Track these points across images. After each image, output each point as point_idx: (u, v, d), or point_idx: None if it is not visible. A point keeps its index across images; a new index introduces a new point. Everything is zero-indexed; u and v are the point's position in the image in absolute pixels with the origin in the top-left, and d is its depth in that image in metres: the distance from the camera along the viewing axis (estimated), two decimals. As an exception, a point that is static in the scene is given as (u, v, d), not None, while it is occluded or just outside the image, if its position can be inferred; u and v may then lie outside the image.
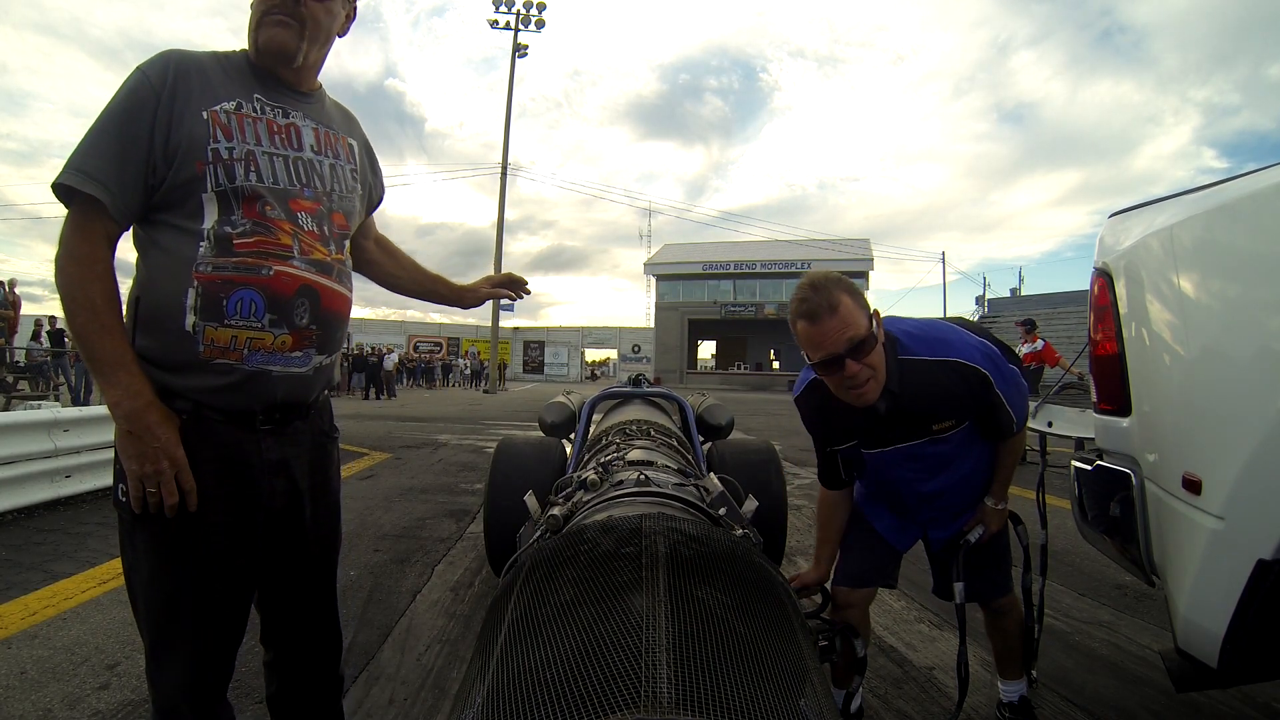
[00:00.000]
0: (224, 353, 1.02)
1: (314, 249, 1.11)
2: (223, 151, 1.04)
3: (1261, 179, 1.24)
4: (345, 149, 1.25)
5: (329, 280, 1.13)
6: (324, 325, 1.12)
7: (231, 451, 1.06)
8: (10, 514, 3.91)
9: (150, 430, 0.97)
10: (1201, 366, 1.28)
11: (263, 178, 1.07)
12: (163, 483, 0.99)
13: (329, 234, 1.15)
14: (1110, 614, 2.85)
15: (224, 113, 1.06)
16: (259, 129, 1.09)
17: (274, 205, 1.07)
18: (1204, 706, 2.04)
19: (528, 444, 2.94)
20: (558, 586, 0.77)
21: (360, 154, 1.30)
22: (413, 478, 5.85)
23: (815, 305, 1.37)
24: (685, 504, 1.29)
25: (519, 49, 24.07)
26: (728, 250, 41.10)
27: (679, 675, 0.58)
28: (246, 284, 1.02)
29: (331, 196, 1.18)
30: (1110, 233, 1.63)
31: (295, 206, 1.10)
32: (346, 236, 1.21)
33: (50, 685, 2.00)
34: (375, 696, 2.04)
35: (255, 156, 1.07)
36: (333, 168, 1.20)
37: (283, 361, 1.07)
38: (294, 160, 1.12)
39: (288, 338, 1.07)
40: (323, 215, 1.14)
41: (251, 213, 1.05)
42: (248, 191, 1.05)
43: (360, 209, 1.29)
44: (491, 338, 25.00)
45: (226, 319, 1.01)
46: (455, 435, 9.32)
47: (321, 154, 1.18)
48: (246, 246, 1.03)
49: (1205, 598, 1.23)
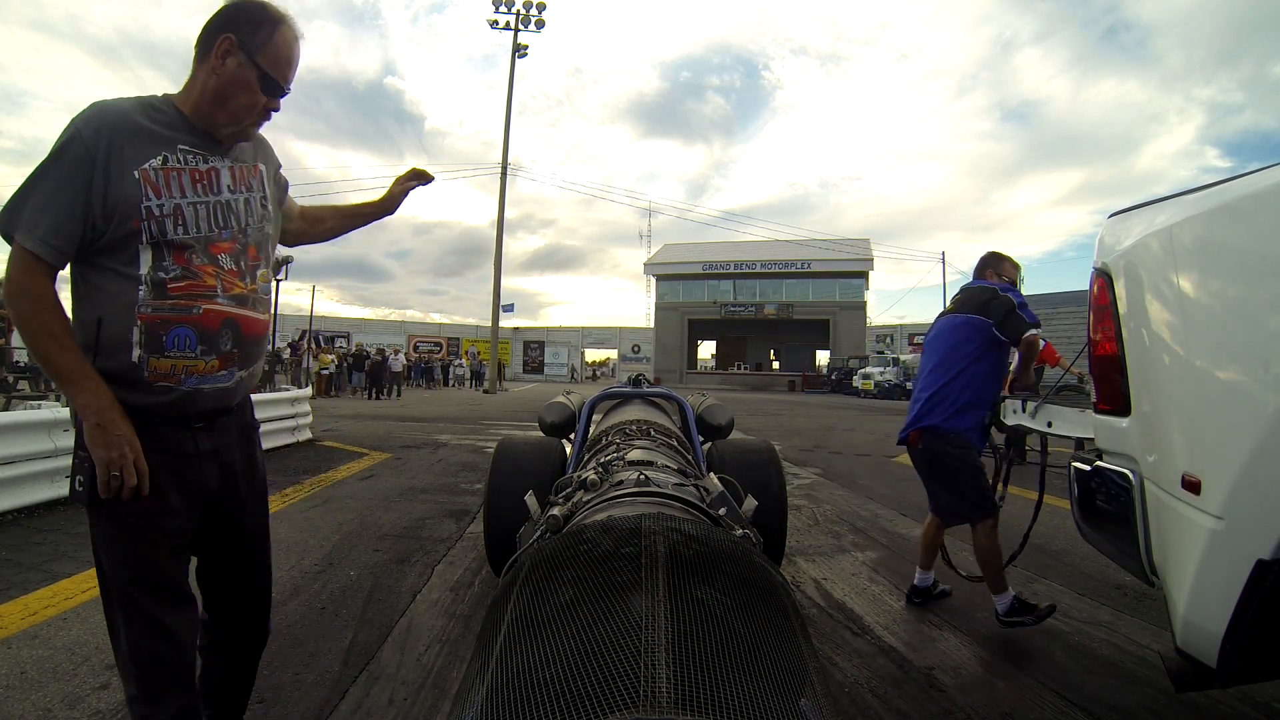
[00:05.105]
0: (165, 377, 1.23)
1: (234, 285, 1.31)
2: (154, 209, 1.20)
3: (1261, 179, 1.24)
4: (257, 177, 1.41)
5: (246, 310, 1.34)
6: (244, 347, 1.34)
7: (173, 446, 1.27)
8: (10, 514, 3.91)
9: (115, 423, 1.17)
10: (1201, 366, 1.28)
11: (188, 229, 1.25)
12: (125, 467, 1.17)
13: (244, 268, 1.35)
14: (1110, 614, 2.85)
15: (153, 170, 1.21)
16: (183, 180, 1.25)
17: (198, 251, 1.27)
18: (1204, 706, 2.05)
19: (528, 444, 2.94)
20: (557, 586, 0.78)
21: (269, 178, 1.46)
22: (413, 478, 5.85)
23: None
24: (685, 504, 1.29)
25: (519, 49, 24.07)
26: (728, 250, 41.05)
27: (678, 675, 0.58)
28: (181, 322, 1.23)
29: (246, 232, 1.36)
30: (1110, 233, 1.62)
31: (215, 250, 1.29)
32: (259, 266, 1.40)
33: (50, 685, 2.00)
34: (375, 696, 2.04)
35: (182, 209, 1.24)
36: (246, 202, 1.37)
37: (211, 380, 1.29)
38: (214, 205, 1.30)
39: (215, 362, 1.29)
40: (239, 252, 1.34)
41: (180, 260, 1.24)
42: (176, 242, 1.23)
43: (273, 231, 1.47)
44: (491, 338, 24.98)
45: (166, 352, 1.22)
46: (455, 435, 9.33)
47: (237, 191, 1.35)
48: (178, 290, 1.23)
49: (1205, 598, 1.23)
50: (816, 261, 38.46)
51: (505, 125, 24.19)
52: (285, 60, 1.32)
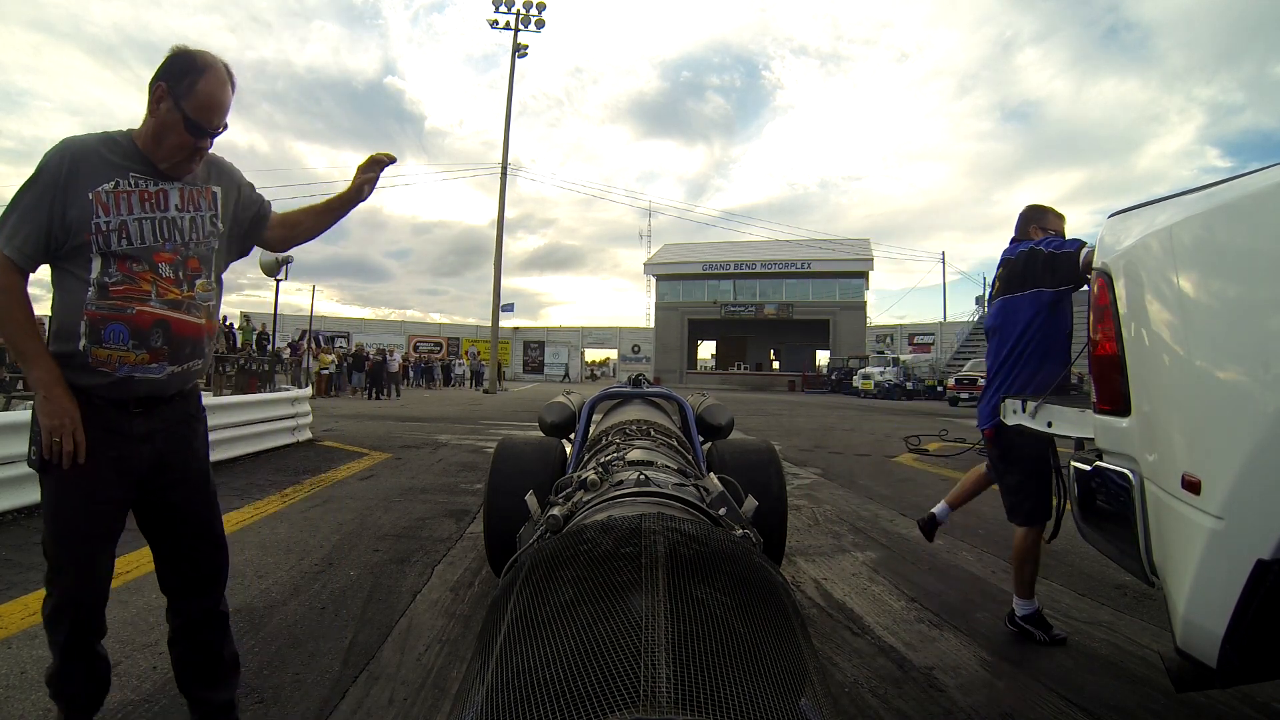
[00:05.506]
0: (103, 364, 1.46)
1: (169, 291, 1.52)
2: (102, 225, 1.44)
3: (1261, 179, 1.24)
4: (208, 199, 1.61)
5: (179, 313, 1.54)
6: (174, 345, 1.53)
7: (112, 425, 1.49)
8: (10, 514, 3.92)
9: (60, 397, 1.42)
10: (1201, 366, 1.28)
11: (132, 241, 1.47)
12: (64, 435, 1.42)
13: (183, 277, 1.54)
14: (1110, 614, 2.85)
15: (105, 193, 1.45)
16: (132, 200, 1.48)
17: (140, 260, 1.48)
18: (1204, 706, 2.05)
19: (528, 444, 2.94)
20: (557, 586, 0.78)
21: (224, 197, 1.65)
22: (413, 478, 5.85)
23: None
24: (685, 504, 1.29)
25: (519, 49, 24.08)
26: (728, 250, 41.04)
27: (678, 675, 0.58)
28: (117, 320, 1.46)
29: (189, 246, 1.56)
30: (1110, 232, 1.62)
31: (157, 259, 1.51)
32: (199, 276, 1.58)
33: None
34: (375, 696, 2.04)
35: (127, 225, 1.47)
36: (193, 220, 1.57)
37: (142, 371, 1.50)
38: (159, 220, 1.51)
39: (145, 355, 1.49)
40: (179, 263, 1.54)
41: (123, 268, 1.47)
42: (120, 253, 1.46)
43: (220, 246, 1.65)
44: (491, 338, 24.99)
45: (104, 343, 1.45)
46: (455, 435, 9.33)
47: (184, 210, 1.55)
48: (118, 292, 1.46)
49: (1205, 598, 1.23)
50: (816, 261, 38.47)
51: (505, 125, 24.21)
52: (209, 106, 1.49)
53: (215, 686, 1.70)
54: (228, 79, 1.53)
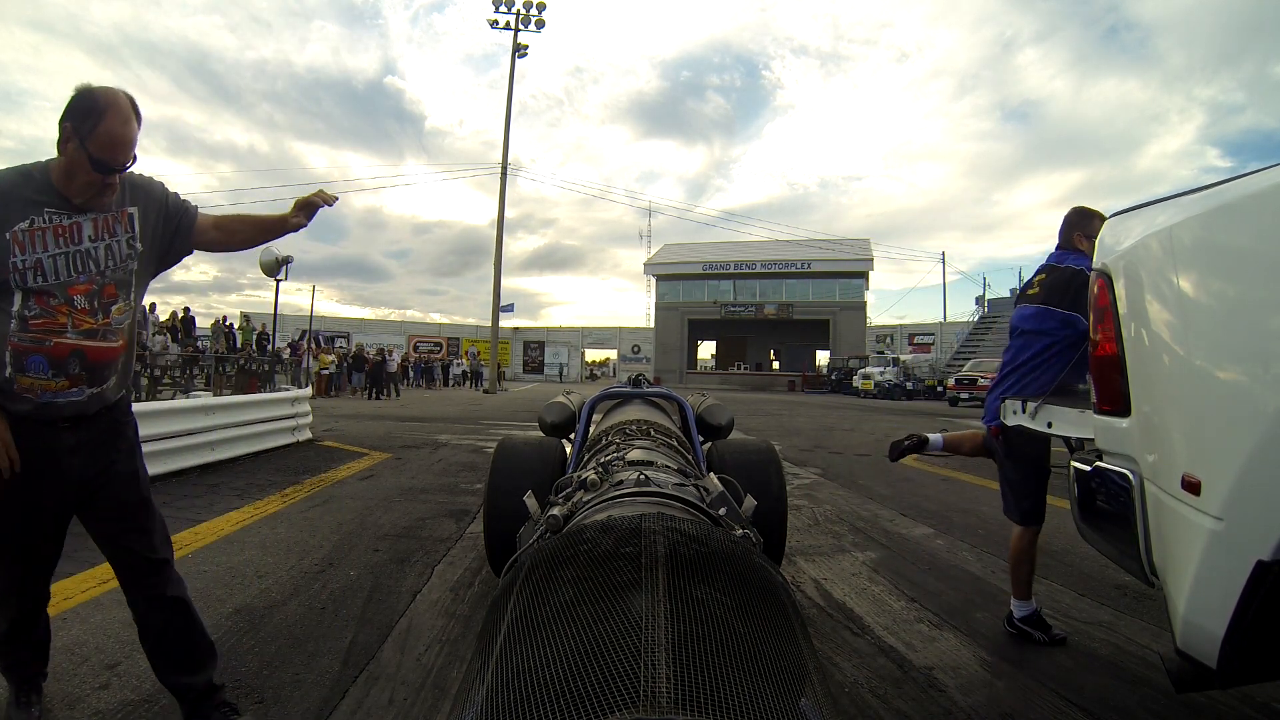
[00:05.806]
0: (27, 390, 1.54)
1: (84, 322, 1.59)
2: (19, 264, 1.50)
3: (1261, 179, 1.24)
4: (124, 222, 1.64)
5: (94, 341, 1.61)
6: (91, 370, 1.61)
7: (43, 442, 1.59)
8: None
9: None
10: (1201, 367, 1.28)
11: (46, 278, 1.54)
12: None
13: (98, 306, 1.61)
14: (1110, 614, 2.85)
15: (21, 232, 1.50)
16: (47, 237, 1.53)
17: (56, 295, 1.55)
18: (1204, 707, 2.05)
19: (528, 444, 2.94)
20: (557, 586, 0.78)
21: (141, 216, 1.68)
22: (413, 478, 5.85)
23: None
24: (685, 504, 1.30)
25: (519, 49, 24.08)
26: (728, 250, 41.04)
27: (678, 675, 0.58)
28: (37, 351, 1.54)
29: (104, 274, 1.61)
30: (1110, 233, 1.62)
31: (72, 291, 1.57)
32: (115, 301, 1.64)
33: (50, 685, 1.99)
34: (375, 696, 2.04)
35: (42, 262, 1.53)
36: (108, 248, 1.62)
37: (64, 396, 1.58)
38: (73, 254, 1.57)
39: (65, 382, 1.58)
40: (94, 292, 1.60)
41: (40, 302, 1.54)
42: (36, 289, 1.53)
43: (141, 266, 1.70)
44: (491, 338, 24.99)
45: (27, 372, 1.54)
46: (455, 435, 9.33)
47: (99, 239, 1.60)
48: (36, 325, 1.54)
49: (1205, 598, 1.23)
50: (816, 261, 38.47)
51: (505, 125, 24.21)
52: (112, 145, 1.53)
53: (189, 670, 1.76)
54: (132, 114, 1.56)
